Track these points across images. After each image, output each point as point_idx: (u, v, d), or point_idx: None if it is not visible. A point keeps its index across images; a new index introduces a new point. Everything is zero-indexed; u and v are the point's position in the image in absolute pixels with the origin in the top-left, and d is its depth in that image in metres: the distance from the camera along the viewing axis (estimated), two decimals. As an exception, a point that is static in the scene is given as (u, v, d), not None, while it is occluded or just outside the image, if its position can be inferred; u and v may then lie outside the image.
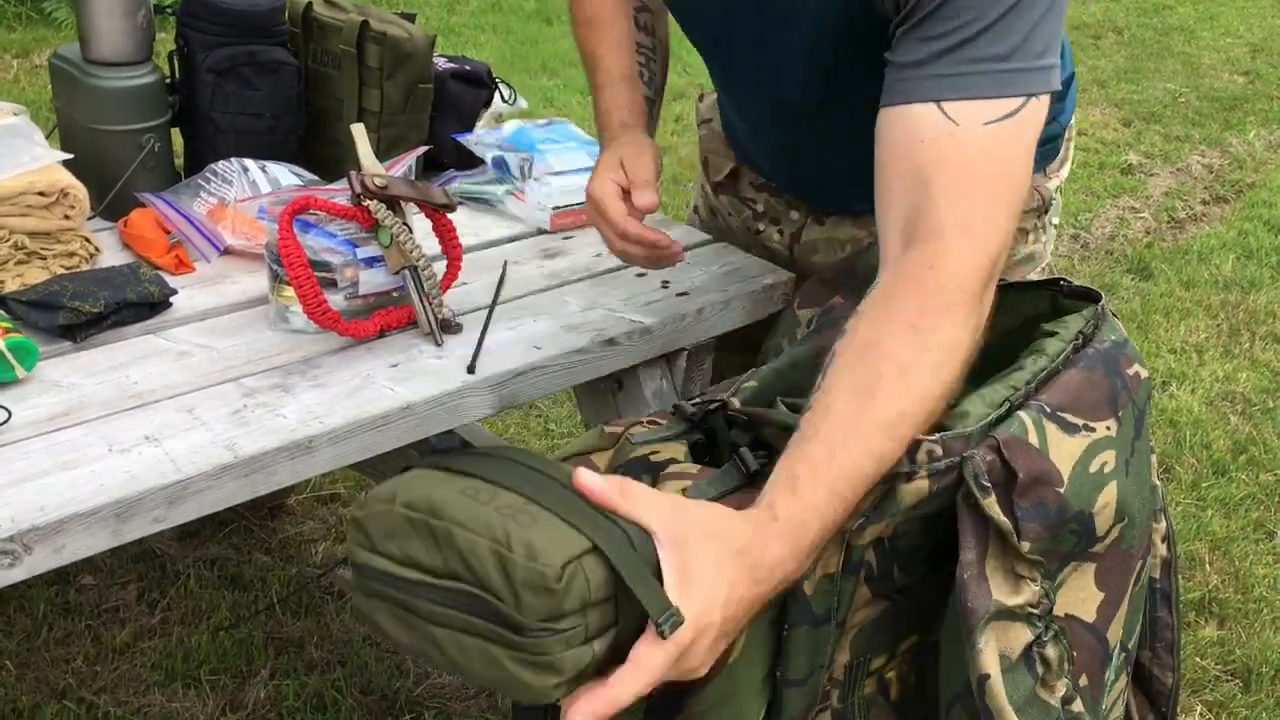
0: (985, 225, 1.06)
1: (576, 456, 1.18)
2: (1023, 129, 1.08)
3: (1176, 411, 2.87)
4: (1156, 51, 5.77)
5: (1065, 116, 1.52)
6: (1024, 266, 1.55)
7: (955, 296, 1.04)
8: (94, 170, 1.54)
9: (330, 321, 1.33)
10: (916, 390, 1.01)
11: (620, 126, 1.44)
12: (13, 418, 1.16)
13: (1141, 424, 1.23)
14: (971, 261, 1.05)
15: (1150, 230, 3.94)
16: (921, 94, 1.08)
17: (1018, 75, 1.07)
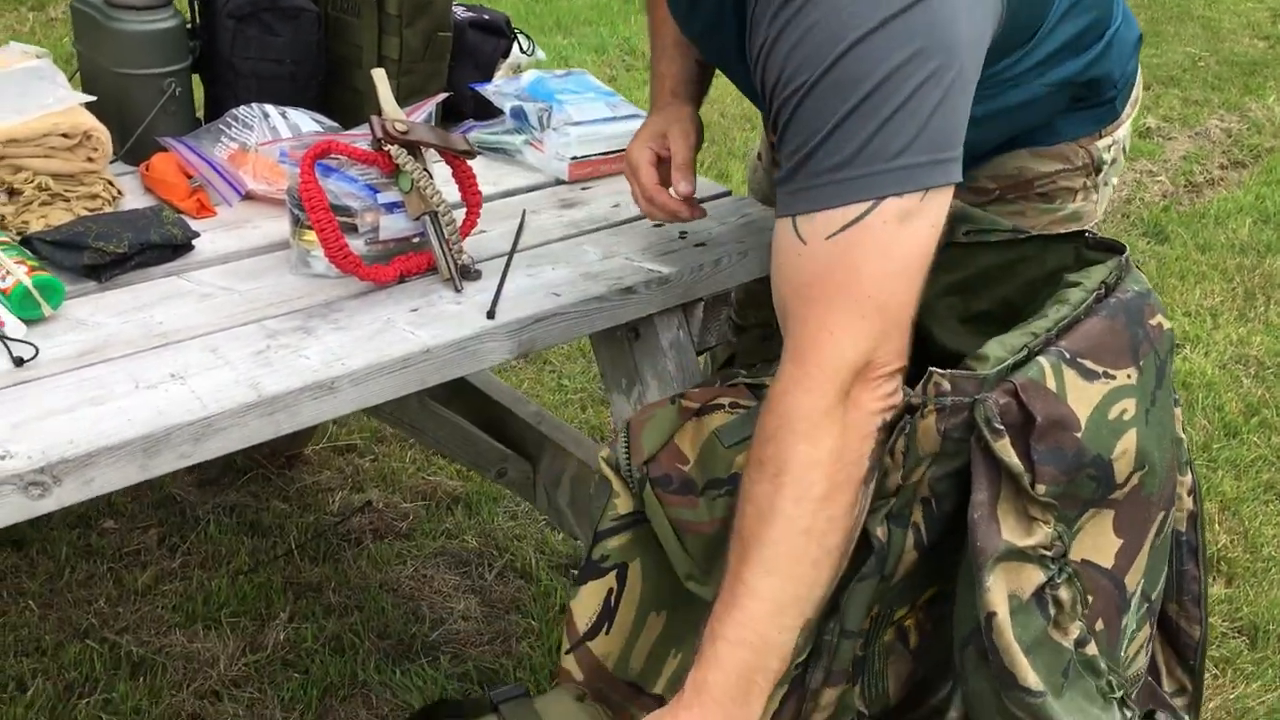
0: (821, 347, 1.07)
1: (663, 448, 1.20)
2: (877, 230, 1.06)
3: (1190, 374, 2.87)
4: (1177, 15, 5.72)
5: (1124, 79, 1.47)
6: (1068, 224, 1.52)
7: (787, 423, 1.08)
8: (115, 114, 1.55)
9: (351, 265, 1.34)
10: (777, 520, 1.07)
11: (670, 95, 1.49)
12: (40, 354, 1.18)
13: (1163, 374, 1.23)
14: (799, 409, 1.08)
15: (1167, 194, 3.92)
16: (782, 209, 1.11)
17: (859, 181, 1.05)
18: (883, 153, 1.05)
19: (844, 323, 1.07)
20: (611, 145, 1.73)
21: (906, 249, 1.08)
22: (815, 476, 1.08)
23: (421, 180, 1.38)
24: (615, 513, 1.24)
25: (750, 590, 1.08)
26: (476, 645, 1.96)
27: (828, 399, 1.07)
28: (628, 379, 1.59)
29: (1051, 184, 1.50)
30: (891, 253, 1.07)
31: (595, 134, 1.72)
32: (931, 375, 1.10)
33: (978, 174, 1.49)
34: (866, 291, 1.07)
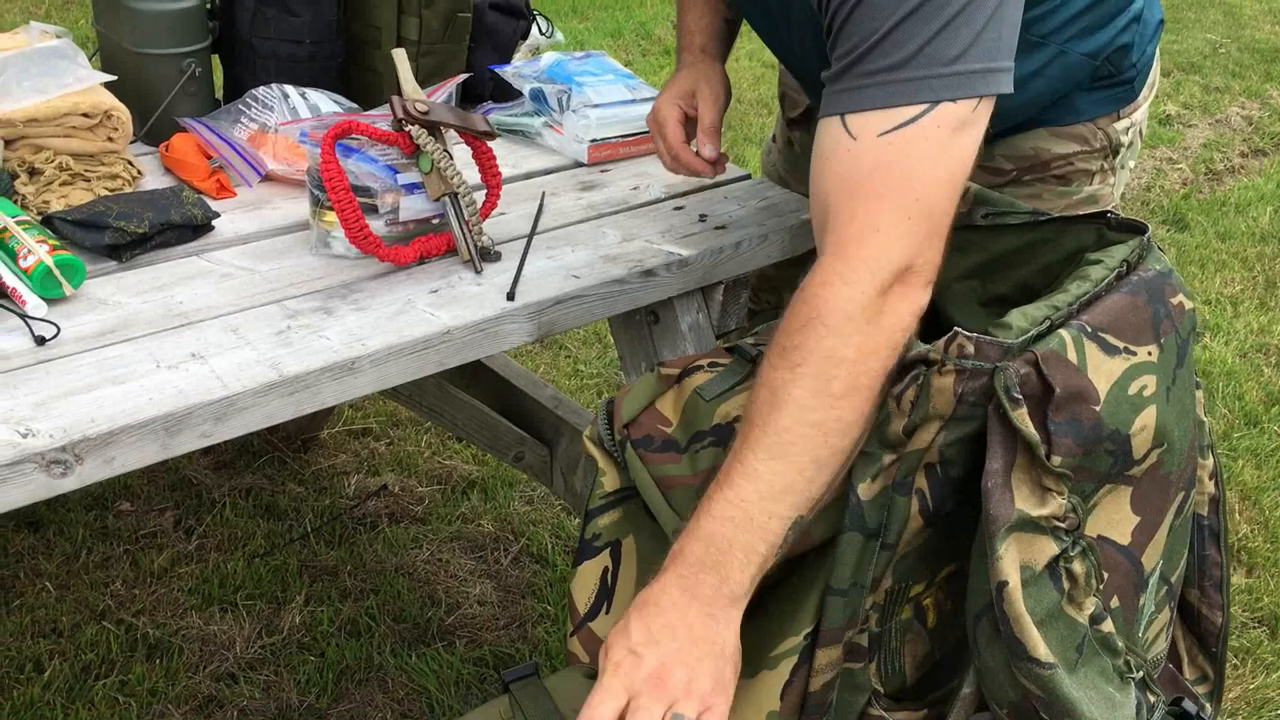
0: (864, 242, 1.07)
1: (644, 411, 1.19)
2: (931, 132, 1.06)
3: (1210, 363, 2.85)
4: (1198, 1, 5.68)
5: (1144, 61, 1.47)
6: (1085, 207, 1.52)
7: (819, 315, 1.07)
8: (135, 94, 1.54)
9: (371, 246, 1.33)
10: (790, 406, 1.05)
11: (700, 51, 1.50)
12: (62, 333, 1.18)
13: (1184, 353, 1.22)
14: (838, 298, 1.07)
15: (1187, 182, 3.90)
16: (829, 108, 1.10)
17: (915, 84, 1.06)
18: (940, 57, 1.05)
19: (892, 221, 1.07)
20: (630, 128, 1.72)
21: (956, 157, 1.08)
22: (838, 373, 1.06)
23: (442, 161, 1.37)
24: (603, 490, 1.24)
25: (747, 471, 1.05)
26: (492, 630, 1.96)
27: (866, 296, 1.06)
28: (646, 362, 1.58)
29: (1069, 166, 1.49)
30: (943, 158, 1.08)
31: (614, 116, 1.70)
32: (956, 335, 1.08)
33: (994, 153, 1.48)
34: (916, 193, 1.07)
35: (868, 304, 1.07)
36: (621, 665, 1.01)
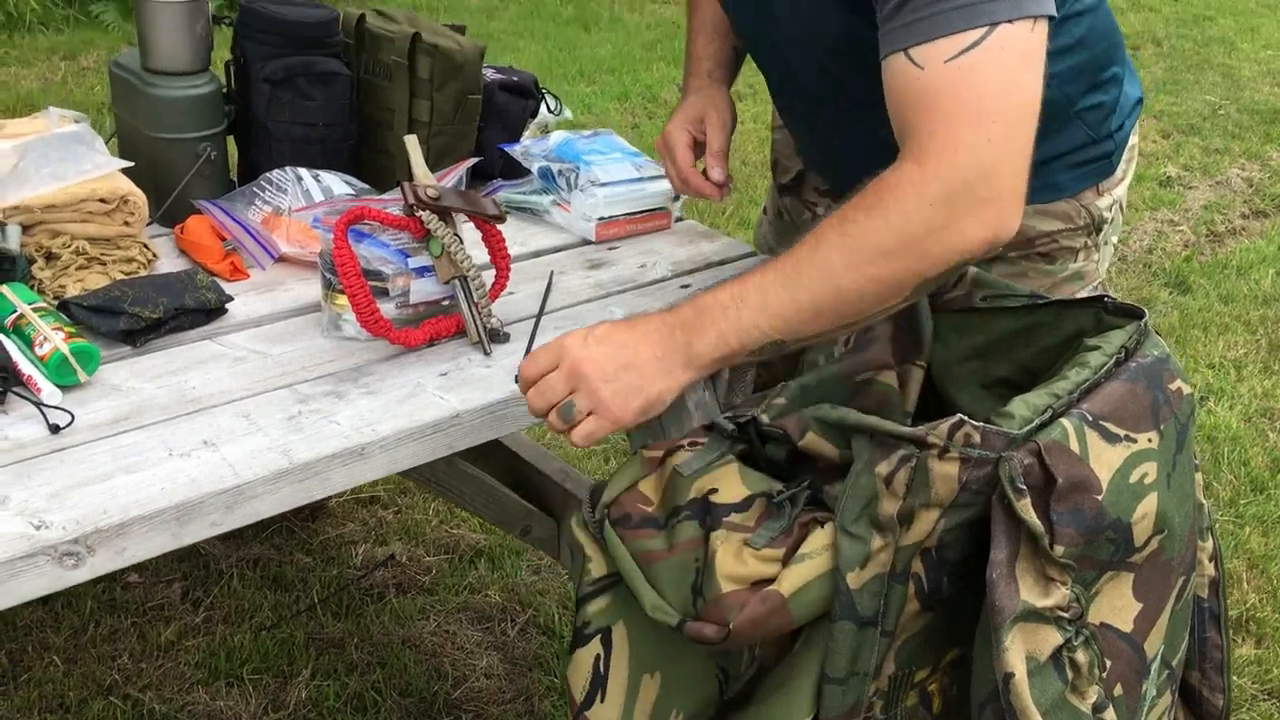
0: (945, 153, 1.11)
1: (626, 492, 1.21)
2: (996, 55, 1.11)
3: (1214, 427, 2.86)
4: (1196, 63, 5.73)
5: (1122, 135, 1.52)
6: (1072, 284, 1.55)
7: (884, 204, 1.12)
8: (151, 177, 1.57)
9: (382, 330, 1.35)
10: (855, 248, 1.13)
11: (707, 76, 1.59)
12: (76, 421, 1.19)
13: (1184, 439, 1.23)
14: (913, 185, 1.11)
15: (1189, 244, 3.92)
16: (892, 45, 1.14)
17: (971, 9, 1.10)
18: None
19: (972, 143, 1.10)
20: (638, 206, 1.75)
21: (1024, 84, 1.12)
22: (875, 256, 1.12)
23: (452, 245, 1.39)
24: (590, 576, 1.24)
25: (760, 285, 1.15)
26: (499, 704, 1.95)
27: (933, 205, 1.10)
28: (654, 439, 1.59)
29: (1053, 243, 1.52)
30: (1013, 83, 1.11)
31: (622, 195, 1.73)
32: (963, 424, 1.10)
33: None
34: (992, 115, 1.10)
35: (932, 214, 1.11)
36: (569, 344, 1.16)
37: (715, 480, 1.20)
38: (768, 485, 1.21)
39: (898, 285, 1.14)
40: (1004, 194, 1.12)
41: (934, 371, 1.39)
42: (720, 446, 1.23)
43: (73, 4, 5.13)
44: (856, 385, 1.34)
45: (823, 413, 1.18)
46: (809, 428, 1.19)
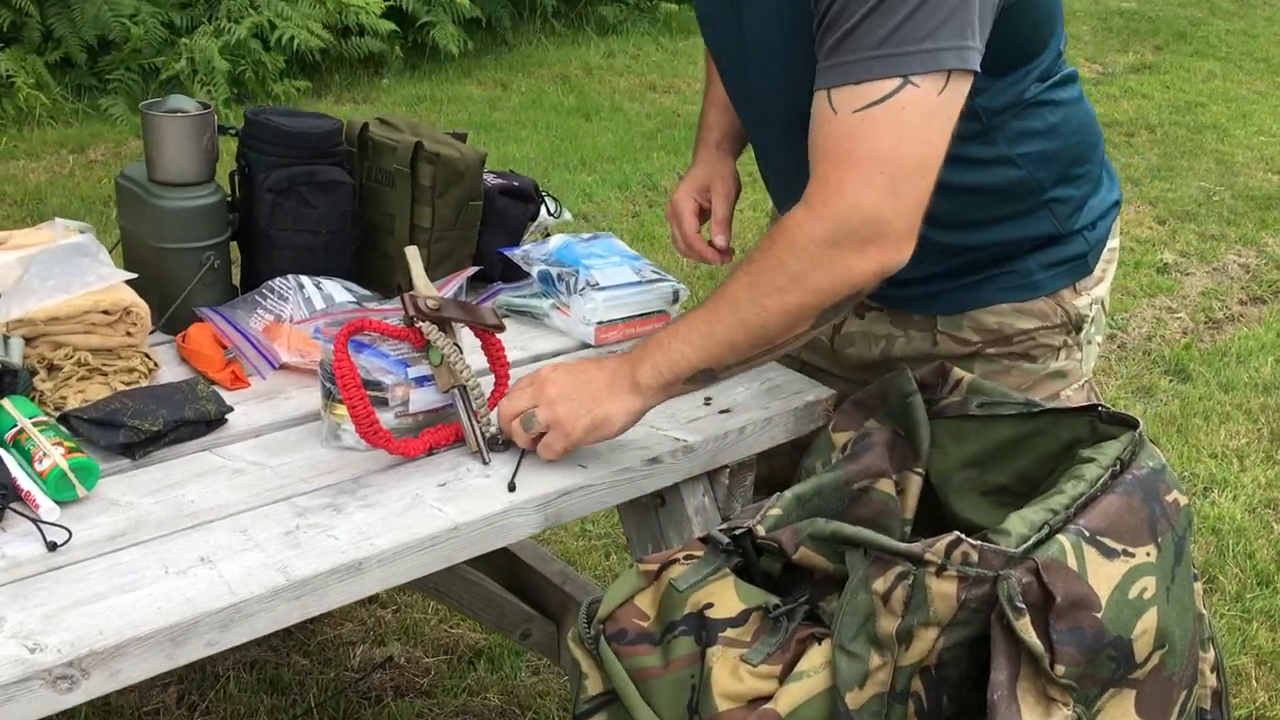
0: (831, 199, 1.23)
1: (621, 606, 1.21)
2: (896, 113, 1.20)
3: (1218, 519, 2.84)
4: (1190, 149, 5.80)
5: (1095, 235, 1.55)
6: (1054, 382, 1.57)
7: (778, 241, 1.27)
8: (155, 286, 1.59)
9: (382, 441, 1.36)
10: (755, 285, 1.28)
11: (715, 146, 1.70)
12: (73, 537, 1.19)
13: (1182, 551, 1.23)
14: (800, 227, 1.25)
15: (1187, 331, 3.94)
16: (820, 83, 1.25)
17: (888, 60, 1.19)
18: (910, 37, 1.18)
19: (855, 188, 1.22)
20: (637, 309, 1.76)
21: (923, 138, 1.21)
22: (770, 289, 1.27)
23: (451, 354, 1.40)
24: (587, 694, 1.24)
25: (688, 322, 1.34)
26: (498, 810, 1.92)
27: (817, 244, 1.24)
28: (654, 545, 1.59)
29: (1030, 341, 1.55)
30: (910, 138, 1.21)
31: (621, 299, 1.75)
32: (960, 542, 1.10)
33: (962, 323, 1.55)
34: (880, 166, 1.21)
35: (817, 253, 1.24)
36: (541, 370, 1.38)
37: (711, 594, 1.20)
38: (764, 599, 1.20)
39: (797, 316, 1.28)
40: (888, 235, 1.23)
41: (932, 479, 1.40)
42: (716, 560, 1.23)
43: (82, 98, 5.22)
44: (854, 493, 1.34)
45: (816, 528, 1.18)
46: (803, 542, 1.19)
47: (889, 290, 1.55)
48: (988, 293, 1.53)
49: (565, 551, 2.60)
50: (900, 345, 1.59)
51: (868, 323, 1.62)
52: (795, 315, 1.28)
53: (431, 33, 6.11)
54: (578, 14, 7.10)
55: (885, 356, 1.60)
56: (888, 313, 1.60)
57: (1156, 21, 8.45)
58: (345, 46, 5.89)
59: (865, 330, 1.62)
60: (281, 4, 5.64)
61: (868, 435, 1.39)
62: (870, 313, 1.61)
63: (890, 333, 1.60)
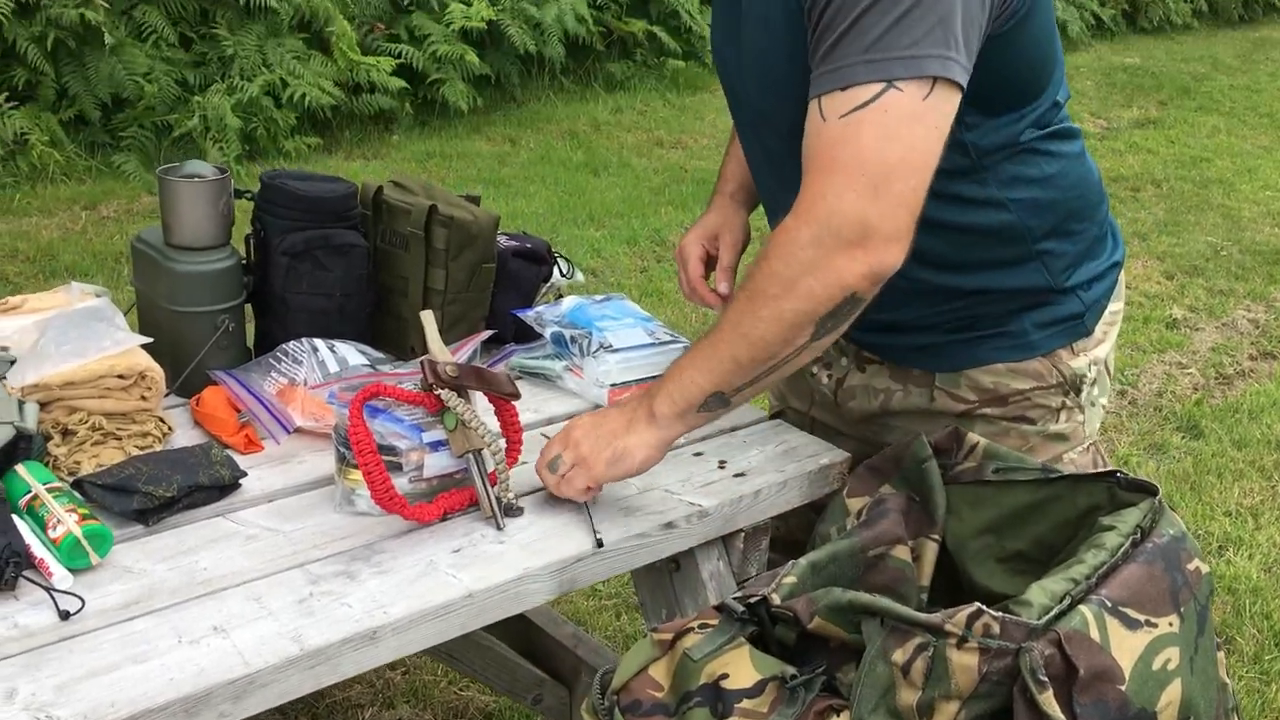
0: (815, 204, 1.25)
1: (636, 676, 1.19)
2: (879, 116, 1.22)
3: (1234, 579, 2.82)
4: (1196, 204, 5.82)
5: (1091, 295, 1.55)
6: (1054, 445, 1.56)
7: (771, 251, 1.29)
8: (170, 349, 1.59)
9: (397, 506, 1.35)
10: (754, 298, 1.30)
11: (730, 197, 1.74)
12: (86, 606, 1.19)
13: (1205, 620, 1.22)
14: (788, 234, 1.27)
15: (1198, 387, 3.93)
16: (813, 90, 1.27)
17: (873, 65, 1.22)
18: (895, 44, 1.20)
19: (837, 192, 1.23)
20: (650, 371, 1.76)
21: (908, 142, 1.23)
22: (765, 299, 1.29)
23: (467, 417, 1.40)
24: None
25: (698, 348, 1.37)
26: None
27: (806, 250, 1.25)
28: (668, 611, 1.58)
29: (1027, 401, 1.54)
30: (893, 141, 1.22)
31: (634, 360, 1.75)
32: (982, 614, 1.09)
33: (959, 380, 1.55)
34: (864, 169, 1.22)
35: (804, 256, 1.26)
36: (571, 420, 1.44)
37: (726, 664, 1.19)
38: (780, 668, 1.19)
39: (793, 324, 1.29)
40: (873, 236, 1.24)
41: (949, 545, 1.39)
42: (731, 629, 1.22)
43: (95, 155, 5.27)
44: (869, 560, 1.33)
45: (832, 598, 1.17)
46: (818, 612, 1.18)
47: (888, 339, 1.58)
48: (983, 352, 1.54)
49: (576, 611, 2.58)
50: (899, 399, 1.59)
51: (868, 376, 1.63)
52: (791, 323, 1.29)
53: (441, 89, 6.17)
54: (586, 70, 7.17)
55: (884, 409, 1.61)
56: (887, 367, 1.61)
57: (1160, 77, 8.52)
58: (356, 103, 5.94)
59: (866, 384, 1.63)
60: (294, 62, 5.71)
61: (883, 501, 1.38)
62: (870, 366, 1.62)
63: (889, 386, 1.60)
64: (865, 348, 1.63)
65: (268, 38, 5.75)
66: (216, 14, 5.73)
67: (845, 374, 1.65)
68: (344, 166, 5.58)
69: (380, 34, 6.26)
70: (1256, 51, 9.73)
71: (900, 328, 1.55)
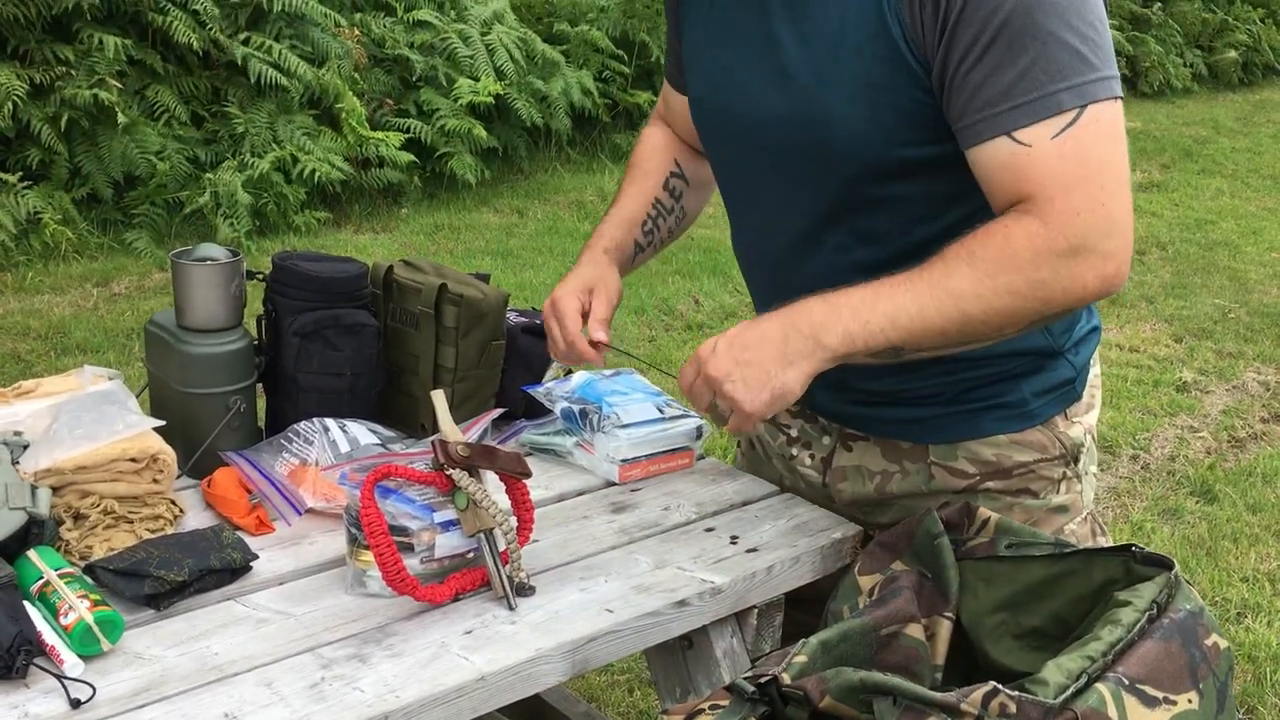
0: (1068, 218, 1.27)
1: None
2: (1092, 129, 1.27)
3: (1254, 646, 2.78)
4: (1202, 267, 5.84)
5: (1080, 359, 1.56)
6: (1057, 517, 1.55)
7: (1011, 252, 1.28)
8: (181, 429, 1.60)
9: (409, 588, 1.35)
10: (985, 282, 1.28)
11: (604, 253, 1.69)
12: (97, 694, 1.18)
13: (1225, 697, 1.21)
14: (1039, 238, 1.27)
15: (1211, 450, 3.91)
16: (991, 131, 1.29)
17: (1070, 90, 1.26)
18: (1078, 70, 1.26)
19: (1088, 207, 1.26)
20: (661, 446, 1.76)
21: (1119, 157, 1.29)
22: (998, 288, 1.28)
23: (478, 496, 1.40)
24: None
25: (891, 294, 1.31)
26: None
27: (1062, 256, 1.27)
28: (681, 688, 1.56)
29: (1031, 474, 1.54)
30: (1107, 149, 1.28)
31: (644, 436, 1.75)
32: (997, 693, 1.08)
33: (957, 454, 1.54)
34: (1098, 181, 1.27)
35: (1059, 264, 1.27)
36: (701, 353, 1.38)
37: None
38: (793, 750, 1.18)
39: (1018, 319, 1.31)
40: (1119, 249, 1.28)
41: (965, 623, 1.37)
42: (741, 709, 1.21)
43: (107, 232, 5.33)
44: (882, 639, 1.32)
45: (843, 679, 1.15)
46: (829, 691, 1.17)
47: (879, 413, 1.56)
48: (984, 423, 1.53)
49: (588, 687, 2.55)
50: (897, 481, 1.58)
51: (857, 455, 1.61)
52: (1017, 319, 1.31)
53: (449, 163, 6.25)
54: (592, 142, 7.26)
55: (880, 492, 1.59)
56: (876, 443, 1.59)
57: (1162, 140, 8.60)
58: (365, 178, 6.02)
59: (857, 464, 1.61)
60: (304, 138, 5.79)
61: (895, 579, 1.38)
62: (858, 444, 1.61)
63: (885, 468, 1.59)
64: (851, 424, 1.61)
65: (278, 115, 5.84)
66: (228, 92, 5.82)
67: (830, 453, 1.64)
68: (353, 240, 5.63)
69: (389, 109, 6.36)
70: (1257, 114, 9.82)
71: (897, 399, 1.54)
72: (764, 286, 1.61)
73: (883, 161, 1.38)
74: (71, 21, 5.38)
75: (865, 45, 1.34)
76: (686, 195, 1.77)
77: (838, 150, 1.39)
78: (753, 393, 1.34)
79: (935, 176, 1.39)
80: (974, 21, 1.26)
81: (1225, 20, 10.90)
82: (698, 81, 1.57)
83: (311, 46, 6.04)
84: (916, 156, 1.37)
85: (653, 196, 1.74)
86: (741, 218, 1.62)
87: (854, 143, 1.37)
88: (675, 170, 1.76)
